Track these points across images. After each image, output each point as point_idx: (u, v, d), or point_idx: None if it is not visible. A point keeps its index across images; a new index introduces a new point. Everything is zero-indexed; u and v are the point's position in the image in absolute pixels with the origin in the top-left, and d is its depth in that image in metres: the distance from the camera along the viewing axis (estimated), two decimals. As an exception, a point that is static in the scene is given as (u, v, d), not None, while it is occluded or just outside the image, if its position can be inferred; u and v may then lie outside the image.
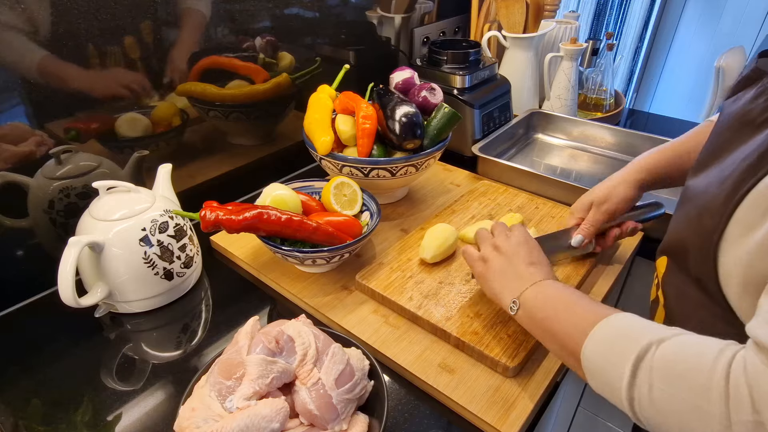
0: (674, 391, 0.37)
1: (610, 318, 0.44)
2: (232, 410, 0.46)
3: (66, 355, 0.64)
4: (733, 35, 2.35)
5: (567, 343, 0.47)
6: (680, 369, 0.37)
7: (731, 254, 0.41)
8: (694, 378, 0.36)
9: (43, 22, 0.63)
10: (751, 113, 0.43)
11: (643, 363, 0.39)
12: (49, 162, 0.69)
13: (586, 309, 0.48)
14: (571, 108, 1.22)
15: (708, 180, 0.46)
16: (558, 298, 0.51)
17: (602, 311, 0.46)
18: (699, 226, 0.44)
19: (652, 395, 0.38)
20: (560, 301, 0.51)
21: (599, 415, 1.06)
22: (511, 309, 0.55)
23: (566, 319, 0.48)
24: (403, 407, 0.57)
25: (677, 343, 0.39)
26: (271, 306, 0.73)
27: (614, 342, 0.42)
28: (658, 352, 0.39)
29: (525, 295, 0.54)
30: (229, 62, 0.87)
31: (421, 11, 1.25)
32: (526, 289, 0.54)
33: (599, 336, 0.44)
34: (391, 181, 0.81)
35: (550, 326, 0.50)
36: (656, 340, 0.39)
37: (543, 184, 0.93)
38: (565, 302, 0.50)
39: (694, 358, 0.37)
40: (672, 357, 0.38)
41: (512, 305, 0.55)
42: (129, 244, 0.64)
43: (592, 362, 0.44)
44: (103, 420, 0.56)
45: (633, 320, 0.44)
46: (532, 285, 0.54)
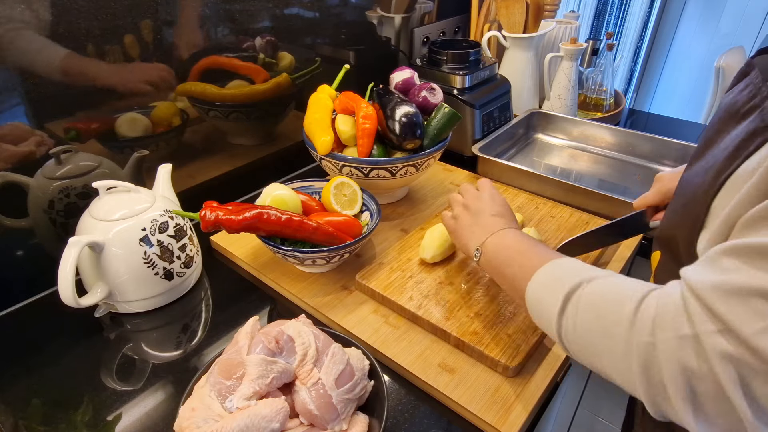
0: (592, 318, 0.41)
1: (554, 261, 0.49)
2: (232, 410, 0.46)
3: (66, 355, 0.64)
4: (733, 35, 2.35)
5: (517, 284, 0.51)
6: (602, 301, 0.41)
7: (703, 237, 0.42)
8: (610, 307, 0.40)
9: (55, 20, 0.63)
10: (737, 104, 0.44)
11: (572, 298, 0.43)
12: (49, 162, 0.68)
13: (537, 254, 0.52)
14: (571, 108, 1.22)
15: (696, 171, 0.47)
16: (514, 245, 0.56)
17: (550, 256, 0.50)
18: (685, 217, 0.45)
19: (576, 324, 0.42)
20: (516, 248, 0.55)
21: (599, 415, 1.06)
22: (475, 256, 0.59)
23: (519, 263, 0.53)
24: (403, 407, 0.57)
25: (606, 281, 0.43)
26: (271, 306, 0.73)
27: (552, 280, 0.47)
28: (587, 288, 0.43)
29: (486, 243, 0.58)
30: (229, 62, 0.87)
31: (421, 11, 1.25)
32: (488, 237, 0.58)
33: (541, 276, 0.49)
34: (391, 181, 0.81)
35: (504, 270, 0.54)
36: (587, 278, 0.44)
37: (543, 184, 0.93)
38: (520, 249, 0.54)
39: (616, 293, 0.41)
40: (597, 291, 0.42)
41: (476, 253, 0.59)
42: (129, 244, 0.64)
43: (532, 299, 0.49)
44: (103, 420, 0.56)
45: (572, 263, 0.48)
46: (494, 233, 0.58)
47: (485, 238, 0.58)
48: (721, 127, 0.45)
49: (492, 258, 0.57)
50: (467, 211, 0.64)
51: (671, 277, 0.49)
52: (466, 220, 0.63)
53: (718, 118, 0.47)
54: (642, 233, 0.73)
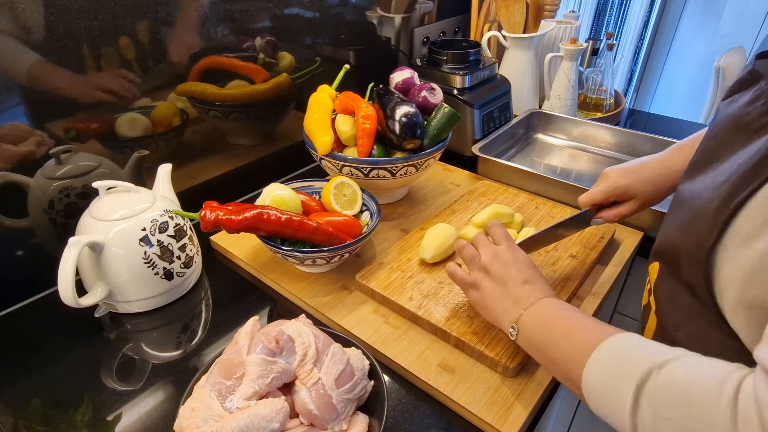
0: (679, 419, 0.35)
1: (609, 342, 0.43)
2: (232, 410, 0.46)
3: (66, 355, 0.64)
4: (733, 35, 2.35)
5: (568, 371, 0.46)
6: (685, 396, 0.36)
7: (728, 265, 0.39)
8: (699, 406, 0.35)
9: (39, 24, 0.63)
10: (747, 117, 0.42)
11: (645, 390, 0.38)
12: (49, 162, 0.68)
13: (584, 333, 0.46)
14: (571, 108, 1.21)
15: (703, 184, 0.45)
16: (555, 321, 0.50)
17: (601, 334, 0.45)
18: (691, 232, 0.43)
19: (656, 424, 0.37)
20: (558, 326, 0.49)
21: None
22: (511, 335, 0.54)
23: (565, 346, 0.47)
24: (403, 407, 0.57)
25: (680, 367, 0.37)
26: (271, 306, 0.73)
27: (614, 368, 0.41)
28: (660, 378, 0.37)
29: (522, 319, 0.52)
30: (229, 62, 0.87)
31: (421, 11, 1.24)
32: (523, 313, 0.53)
33: (598, 362, 0.43)
34: (391, 181, 0.81)
35: (550, 354, 0.49)
36: (657, 364, 0.38)
37: (543, 184, 0.93)
38: (563, 326, 0.49)
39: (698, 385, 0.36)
40: (675, 384, 0.37)
41: (511, 330, 0.54)
42: (129, 244, 0.64)
43: (593, 390, 0.42)
44: (103, 420, 0.56)
45: (631, 343, 0.42)
46: (529, 307, 0.53)
47: (520, 313, 0.53)
48: (728, 140, 0.44)
49: (533, 338, 0.51)
50: (490, 278, 0.57)
51: (671, 289, 0.47)
52: (491, 290, 0.56)
53: (724, 129, 0.46)
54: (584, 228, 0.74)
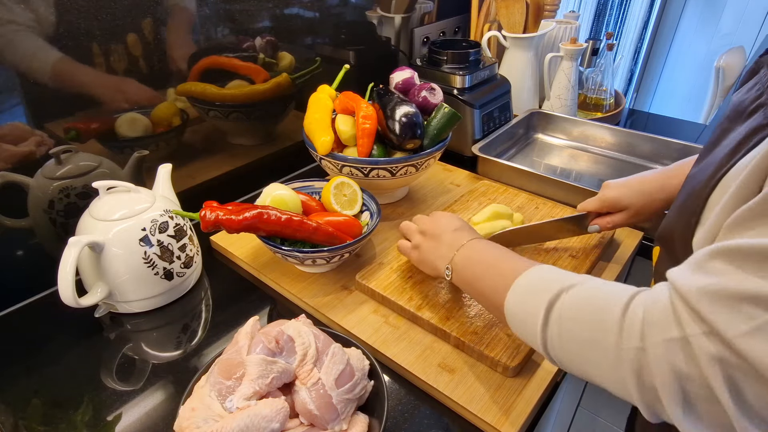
0: (578, 328, 0.40)
1: (530, 270, 0.48)
2: (232, 410, 0.46)
3: (66, 355, 0.64)
4: (733, 35, 2.35)
5: (494, 299, 0.50)
6: (586, 309, 0.40)
7: (698, 233, 0.41)
8: (596, 314, 0.39)
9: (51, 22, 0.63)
10: (744, 103, 0.44)
11: (555, 307, 0.42)
12: (49, 162, 0.68)
13: (509, 265, 0.50)
14: (571, 108, 1.21)
15: (700, 168, 0.46)
16: (484, 257, 0.54)
17: (522, 266, 0.49)
18: (683, 213, 0.45)
19: (561, 335, 0.41)
20: (486, 260, 0.54)
21: (599, 415, 1.06)
22: (447, 275, 0.58)
23: (492, 276, 0.51)
24: (403, 407, 0.57)
25: (586, 287, 0.42)
26: (271, 306, 0.73)
27: (531, 291, 0.46)
28: (568, 296, 0.42)
29: (455, 258, 0.57)
30: (229, 62, 0.87)
31: (421, 11, 1.24)
32: (456, 252, 0.57)
33: (518, 288, 0.47)
34: (391, 181, 0.80)
35: (478, 285, 0.53)
36: (567, 286, 0.42)
37: (543, 184, 0.92)
38: (491, 261, 0.53)
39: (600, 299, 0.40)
40: (579, 298, 0.41)
41: (447, 272, 0.58)
42: (129, 244, 0.64)
43: (512, 313, 0.47)
44: (103, 420, 0.56)
45: (548, 271, 0.47)
46: (461, 247, 0.57)
47: (452, 254, 0.57)
48: (728, 126, 0.45)
49: (464, 274, 0.56)
50: (426, 235, 0.62)
51: None
52: (429, 245, 0.61)
53: (726, 116, 0.47)
54: (579, 235, 0.75)
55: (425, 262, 0.62)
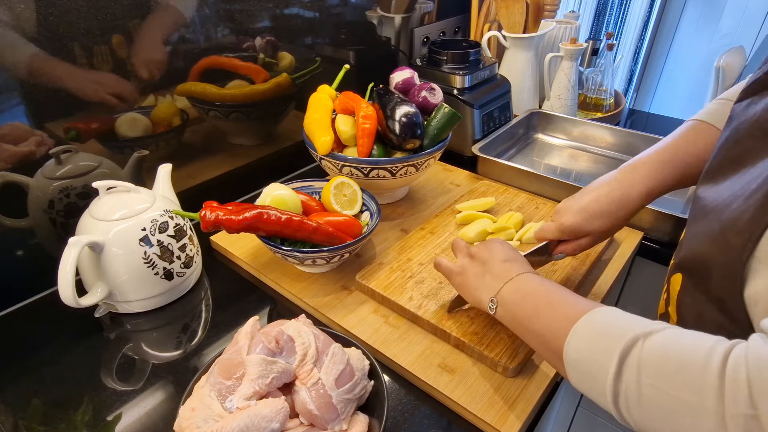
0: (664, 386, 0.34)
1: (594, 312, 0.42)
2: (232, 410, 0.46)
3: (66, 355, 0.64)
4: (733, 35, 2.34)
5: (549, 341, 0.45)
6: (671, 363, 0.35)
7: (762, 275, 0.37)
8: (686, 372, 0.34)
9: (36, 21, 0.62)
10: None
11: (630, 357, 0.37)
12: (49, 162, 0.68)
13: (568, 304, 0.45)
14: (571, 108, 1.21)
15: (730, 192, 0.43)
16: (538, 293, 0.49)
17: (585, 306, 0.44)
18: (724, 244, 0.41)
19: (640, 392, 0.36)
20: (540, 297, 0.49)
21: (599, 415, 1.06)
22: (491, 309, 0.53)
23: (547, 315, 0.46)
24: (403, 407, 0.57)
25: (667, 336, 0.37)
26: (271, 306, 0.73)
27: (598, 337, 0.40)
28: (646, 346, 0.36)
29: (503, 292, 0.52)
30: (229, 62, 0.87)
31: (421, 11, 1.24)
32: (504, 285, 0.52)
33: (582, 331, 0.42)
34: (391, 181, 0.80)
35: (531, 324, 0.48)
36: (643, 333, 0.37)
37: (543, 184, 0.92)
38: (546, 297, 0.48)
39: (685, 352, 0.35)
40: (661, 351, 0.36)
41: (491, 304, 0.53)
42: (129, 244, 0.64)
43: (574, 359, 0.42)
44: (103, 420, 0.56)
45: (617, 314, 0.42)
46: (509, 281, 0.52)
47: (500, 286, 0.52)
48: (755, 146, 0.42)
49: (512, 309, 0.50)
50: (473, 260, 0.58)
51: (697, 303, 0.45)
52: (473, 270, 0.57)
53: (748, 134, 0.44)
54: (548, 262, 0.68)
55: (467, 288, 0.57)
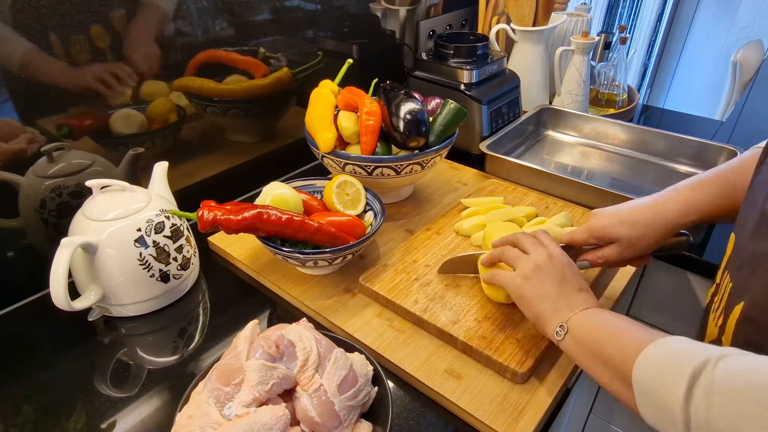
0: (737, 407, 0.34)
1: (665, 338, 0.43)
2: (231, 417, 0.45)
3: (58, 360, 0.64)
4: (750, 28, 2.32)
5: (617, 366, 0.45)
6: (745, 384, 0.34)
7: None
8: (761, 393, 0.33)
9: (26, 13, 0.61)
10: None
11: (701, 379, 0.36)
12: (41, 160, 0.68)
13: (638, 331, 0.46)
14: (583, 104, 1.20)
15: None
16: (608, 321, 0.50)
17: (654, 333, 0.44)
18: None
19: (710, 413, 0.35)
20: (610, 324, 0.49)
21: (612, 423, 1.05)
22: (557, 334, 0.53)
23: (617, 341, 0.46)
24: (408, 414, 0.57)
25: (740, 359, 0.36)
26: (271, 309, 0.72)
27: (668, 360, 0.40)
28: (718, 368, 0.36)
29: (573, 320, 0.52)
30: (228, 56, 0.86)
31: (427, 3, 1.24)
32: (576, 314, 0.53)
33: (652, 355, 0.42)
34: (396, 180, 0.79)
35: (599, 349, 0.48)
36: (715, 356, 0.37)
37: (553, 183, 0.91)
38: (616, 325, 0.49)
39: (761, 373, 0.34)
40: (735, 372, 0.36)
41: (558, 330, 0.53)
42: (123, 245, 0.63)
43: (642, 383, 0.41)
44: (97, 427, 0.55)
45: (688, 341, 0.42)
46: (582, 311, 0.53)
47: (571, 313, 0.53)
48: None
49: (581, 336, 0.51)
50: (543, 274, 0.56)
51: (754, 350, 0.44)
52: (545, 286, 0.55)
53: None
54: None
55: (531, 302, 0.56)
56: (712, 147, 0.99)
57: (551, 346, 0.61)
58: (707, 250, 0.79)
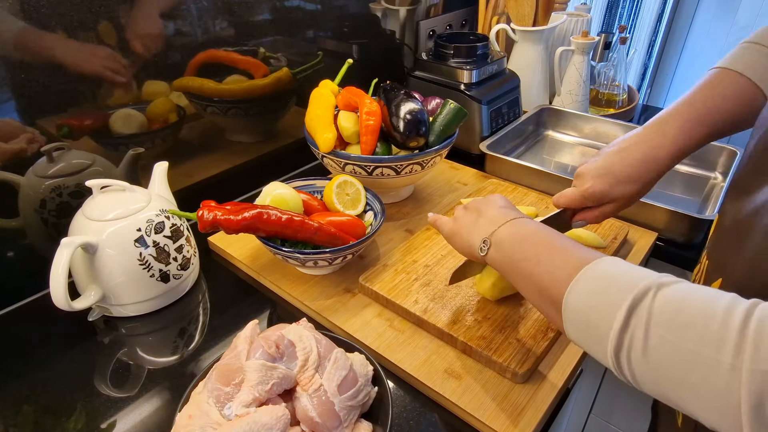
0: (675, 338, 0.33)
1: (601, 260, 0.40)
2: (231, 418, 0.45)
3: (58, 360, 0.64)
4: (750, 28, 2.31)
5: (548, 287, 0.42)
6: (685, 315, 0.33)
7: None
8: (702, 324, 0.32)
9: None
10: None
11: (639, 308, 0.35)
12: (41, 160, 0.68)
13: (572, 251, 0.43)
14: (583, 104, 1.20)
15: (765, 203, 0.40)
16: (538, 236, 0.47)
17: (591, 254, 0.41)
18: None
19: (647, 344, 0.34)
20: (541, 240, 0.46)
21: (611, 423, 1.05)
22: (481, 250, 0.50)
23: (548, 260, 0.43)
24: (408, 414, 0.57)
25: (681, 288, 0.35)
26: (271, 309, 0.72)
27: (604, 286, 0.38)
28: (658, 297, 0.34)
29: (498, 232, 0.49)
30: (228, 56, 0.86)
31: (427, 3, 1.23)
32: (499, 227, 0.50)
33: (588, 279, 0.39)
34: (396, 180, 0.79)
35: (528, 268, 0.45)
36: (656, 284, 0.35)
37: (553, 183, 0.91)
38: (547, 242, 0.45)
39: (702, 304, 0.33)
40: (675, 302, 0.34)
41: (482, 245, 0.50)
42: (123, 245, 0.63)
43: (575, 309, 0.39)
44: (97, 427, 0.55)
45: (626, 264, 0.39)
46: (506, 223, 0.49)
47: (493, 228, 0.50)
48: None
49: (507, 251, 0.48)
50: (467, 209, 0.56)
51: None
52: (467, 218, 0.54)
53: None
54: (565, 231, 0.66)
55: (458, 235, 0.55)
56: (712, 147, 0.99)
57: (551, 347, 0.61)
58: (707, 250, 0.79)
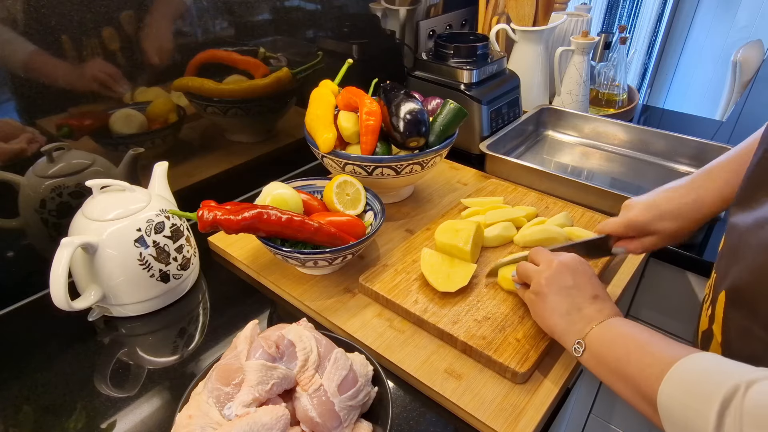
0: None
1: (690, 357, 0.41)
2: (231, 418, 0.45)
3: (58, 360, 0.64)
4: (750, 28, 2.32)
5: (640, 386, 0.44)
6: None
7: None
8: None
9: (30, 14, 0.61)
10: None
11: (731, 408, 0.35)
12: (41, 160, 0.68)
13: (661, 347, 0.44)
14: (583, 104, 1.20)
15: (760, 221, 0.42)
16: (628, 336, 0.48)
17: (680, 350, 0.43)
18: None
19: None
20: (631, 340, 0.47)
21: (611, 423, 1.05)
22: (575, 351, 0.52)
23: (639, 359, 0.45)
24: (408, 414, 0.57)
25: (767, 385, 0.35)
26: (271, 309, 0.72)
27: (695, 384, 0.39)
28: (748, 395, 0.35)
29: (591, 335, 0.51)
30: (228, 56, 0.86)
31: (427, 3, 1.23)
32: (593, 328, 0.51)
33: (678, 377, 0.40)
34: (396, 180, 0.79)
35: (620, 368, 0.47)
36: (745, 381, 0.36)
37: (553, 183, 0.91)
38: (637, 341, 0.47)
39: None
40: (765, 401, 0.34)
41: (576, 347, 0.52)
42: (123, 245, 0.63)
43: (669, 407, 0.40)
44: (97, 427, 0.55)
45: (715, 360, 0.40)
46: (599, 324, 0.51)
47: (588, 329, 0.51)
48: None
49: (601, 353, 0.49)
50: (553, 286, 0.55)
51: (745, 326, 0.45)
52: (556, 299, 0.54)
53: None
54: (607, 257, 0.70)
55: (543, 317, 0.56)
56: (712, 147, 0.99)
57: (551, 347, 0.61)
58: (707, 250, 0.79)
